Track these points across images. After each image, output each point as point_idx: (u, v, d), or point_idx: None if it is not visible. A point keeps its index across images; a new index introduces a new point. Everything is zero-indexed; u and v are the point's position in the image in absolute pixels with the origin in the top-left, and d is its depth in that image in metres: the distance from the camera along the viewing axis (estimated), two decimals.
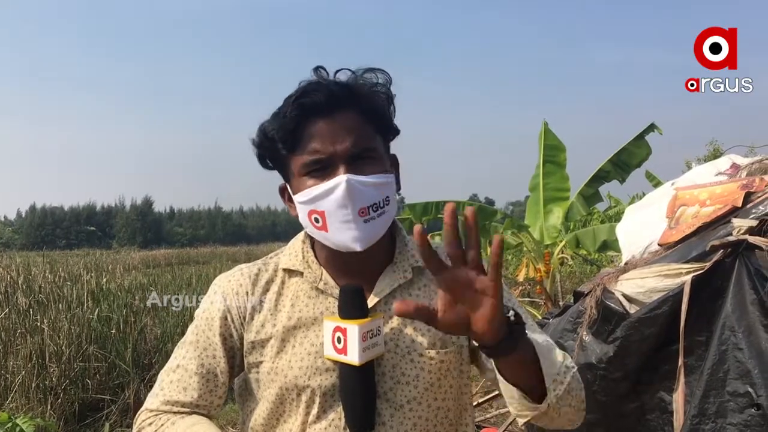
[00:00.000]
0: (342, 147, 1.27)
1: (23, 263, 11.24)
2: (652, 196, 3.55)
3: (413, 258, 1.42)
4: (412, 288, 1.40)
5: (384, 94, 1.36)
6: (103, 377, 6.52)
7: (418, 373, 1.33)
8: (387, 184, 1.32)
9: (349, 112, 1.30)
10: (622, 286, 2.76)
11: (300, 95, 1.29)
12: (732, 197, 2.75)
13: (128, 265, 22.01)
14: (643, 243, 3.12)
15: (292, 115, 1.28)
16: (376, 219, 1.29)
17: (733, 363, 2.32)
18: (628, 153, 7.96)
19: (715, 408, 2.33)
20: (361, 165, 1.28)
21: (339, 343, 1.25)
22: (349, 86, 1.32)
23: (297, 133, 1.29)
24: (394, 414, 1.31)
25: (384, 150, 1.37)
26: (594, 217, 14.56)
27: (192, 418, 1.34)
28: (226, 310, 1.40)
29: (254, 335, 1.38)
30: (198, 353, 1.39)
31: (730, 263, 2.48)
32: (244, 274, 1.45)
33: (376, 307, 1.36)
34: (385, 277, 1.39)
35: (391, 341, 1.33)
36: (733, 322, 2.37)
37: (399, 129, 1.41)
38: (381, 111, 1.35)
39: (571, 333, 2.98)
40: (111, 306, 7.81)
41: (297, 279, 1.42)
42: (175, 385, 1.38)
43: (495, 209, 9.19)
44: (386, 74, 1.36)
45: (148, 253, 37.42)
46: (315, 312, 1.36)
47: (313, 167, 1.29)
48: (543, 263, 8.54)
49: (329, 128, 1.28)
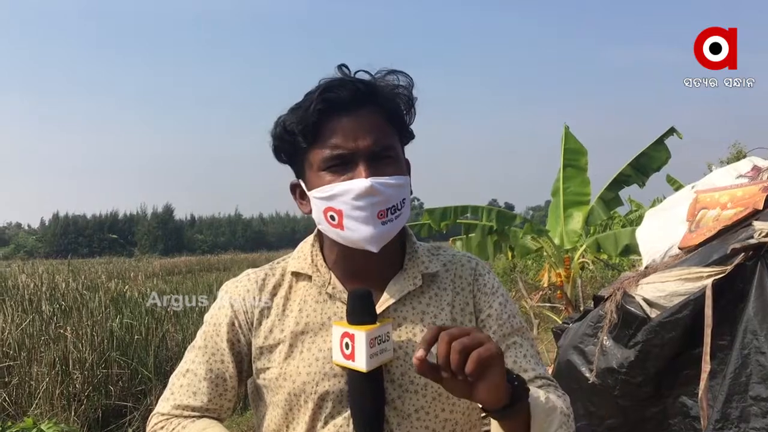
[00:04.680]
0: (364, 144, 1.27)
1: (47, 271, 11.38)
2: (673, 200, 3.52)
3: (423, 265, 1.42)
4: (422, 296, 1.39)
5: (405, 98, 1.36)
6: (126, 384, 6.59)
7: (426, 382, 1.30)
8: (404, 186, 1.32)
9: (372, 111, 1.30)
10: (643, 290, 2.74)
11: (324, 90, 1.29)
12: (753, 200, 2.72)
13: (149, 272, 22.23)
14: (664, 247, 3.10)
15: (316, 108, 1.27)
16: (393, 221, 1.29)
17: (755, 367, 2.30)
18: (648, 157, 7.92)
19: (738, 413, 2.31)
20: (382, 165, 1.28)
21: (347, 349, 1.23)
22: (374, 85, 1.33)
23: (318, 127, 1.28)
24: (402, 423, 1.30)
25: (401, 151, 1.38)
26: (615, 221, 14.48)
27: (202, 421, 1.35)
28: (233, 316, 1.40)
29: (262, 340, 1.38)
30: (206, 358, 1.40)
31: (752, 266, 2.45)
32: (251, 279, 1.44)
33: (385, 313, 1.35)
34: (395, 283, 1.38)
35: (401, 348, 1.32)
36: (756, 325, 2.34)
37: (414, 134, 1.41)
38: (401, 113, 1.36)
39: (591, 338, 2.96)
40: (133, 313, 7.88)
41: (305, 283, 1.41)
42: (185, 389, 1.39)
43: (514, 214, 9.16)
44: (408, 77, 1.36)
45: (169, 261, 37.71)
46: (323, 317, 1.35)
47: (333, 162, 1.28)
48: (563, 268, 8.50)
49: (352, 125, 1.28)
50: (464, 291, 1.42)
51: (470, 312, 1.40)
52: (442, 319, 1.37)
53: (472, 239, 8.84)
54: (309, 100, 1.30)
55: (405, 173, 1.35)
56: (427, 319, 1.36)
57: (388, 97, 1.33)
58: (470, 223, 9.22)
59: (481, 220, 8.72)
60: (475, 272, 1.45)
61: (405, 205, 1.32)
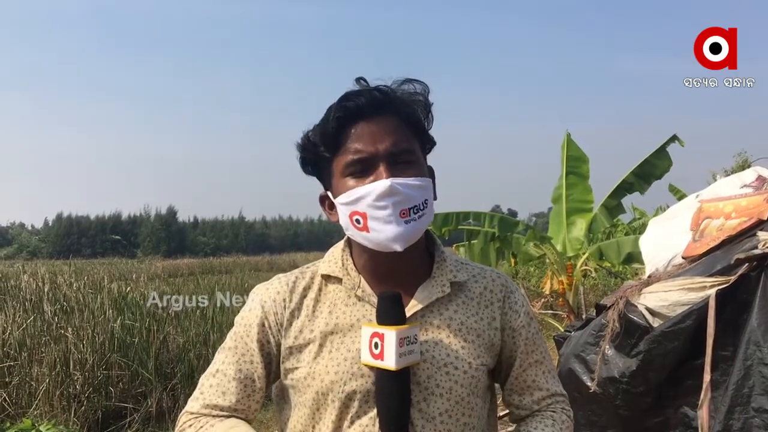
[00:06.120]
0: (383, 147, 1.32)
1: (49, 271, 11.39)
2: (677, 209, 3.52)
3: (451, 274, 1.45)
4: (450, 303, 1.43)
5: (422, 104, 1.41)
6: (126, 385, 6.58)
7: (451, 386, 1.35)
8: (426, 187, 1.36)
9: (389, 117, 1.35)
10: (646, 300, 2.74)
11: (342, 99, 1.35)
12: (758, 210, 2.72)
13: (152, 274, 22.24)
14: (667, 256, 3.09)
15: (335, 117, 1.33)
16: (416, 220, 1.33)
17: (758, 378, 2.29)
18: (650, 165, 7.92)
19: (740, 424, 2.30)
20: (402, 168, 1.33)
21: (376, 349, 1.27)
22: (390, 93, 1.38)
23: (339, 136, 1.34)
24: (426, 425, 1.33)
25: (422, 156, 1.42)
26: (618, 229, 14.46)
27: (230, 421, 1.38)
28: (263, 317, 1.43)
29: (292, 341, 1.40)
30: (236, 359, 1.43)
31: (756, 277, 2.45)
32: (281, 282, 1.48)
33: (413, 318, 1.38)
34: (424, 289, 1.42)
35: (428, 352, 1.35)
36: (759, 336, 2.34)
37: (435, 140, 1.45)
38: (419, 119, 1.40)
39: (593, 346, 2.95)
40: (134, 314, 7.88)
41: (335, 286, 1.45)
42: (214, 389, 1.42)
43: (517, 220, 9.16)
44: (424, 85, 1.41)
45: (172, 263, 37.70)
46: (352, 318, 1.39)
47: (355, 167, 1.33)
48: (566, 275, 8.49)
49: (370, 130, 1.33)
50: (493, 305, 1.46)
51: (496, 327, 1.44)
52: (468, 326, 1.40)
53: (475, 245, 8.84)
54: (329, 111, 1.35)
55: (426, 176, 1.38)
56: (454, 325, 1.39)
57: (406, 103, 1.38)
58: (473, 230, 9.22)
59: (484, 227, 8.71)
60: (506, 289, 1.50)
61: (428, 206, 1.36)
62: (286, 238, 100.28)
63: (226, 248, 79.50)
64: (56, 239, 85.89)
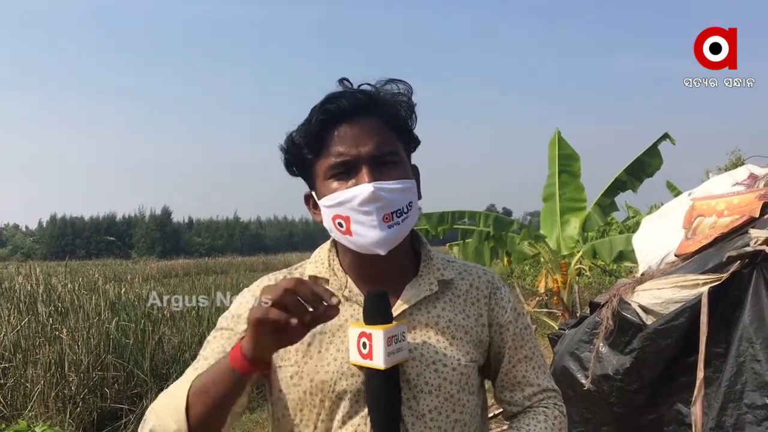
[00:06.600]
0: (365, 149, 1.30)
1: (44, 273, 11.34)
2: (669, 207, 3.53)
3: (439, 272, 1.45)
4: (438, 301, 1.43)
5: (405, 104, 1.40)
6: (122, 386, 6.58)
7: (440, 383, 1.35)
8: (410, 190, 1.35)
9: (372, 118, 1.34)
10: (639, 297, 2.75)
11: (325, 101, 1.33)
12: (749, 208, 2.73)
13: (146, 275, 22.19)
14: (660, 253, 3.11)
15: (318, 119, 1.31)
16: (399, 224, 1.32)
17: (750, 375, 2.31)
18: (642, 163, 7.96)
19: (733, 420, 2.31)
20: (385, 170, 1.32)
21: (364, 348, 1.27)
22: (373, 94, 1.37)
23: (322, 138, 1.33)
24: (416, 422, 1.33)
25: (406, 157, 1.41)
26: (612, 227, 14.48)
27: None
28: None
29: None
30: (222, 342, 1.40)
31: (748, 274, 2.46)
32: (271, 279, 1.48)
33: (400, 317, 1.37)
34: (411, 288, 1.41)
35: (416, 350, 1.35)
36: (751, 333, 2.35)
37: (419, 139, 1.45)
38: (402, 119, 1.40)
39: (587, 344, 2.96)
40: (129, 316, 7.87)
41: None
42: (198, 372, 1.35)
43: (512, 219, 9.16)
44: (407, 85, 1.41)
45: (167, 263, 37.68)
46: (340, 319, 1.37)
47: (337, 170, 1.32)
48: (560, 274, 8.51)
49: (353, 132, 1.32)
50: (479, 302, 1.46)
51: (483, 323, 1.44)
52: (456, 324, 1.40)
53: (469, 244, 8.84)
54: (312, 113, 1.34)
55: (410, 177, 1.38)
56: (442, 323, 1.39)
57: (389, 104, 1.37)
58: (467, 229, 9.23)
59: (478, 226, 8.71)
60: (492, 285, 1.50)
61: (411, 208, 1.35)
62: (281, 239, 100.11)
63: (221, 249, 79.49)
64: (50, 240, 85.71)
